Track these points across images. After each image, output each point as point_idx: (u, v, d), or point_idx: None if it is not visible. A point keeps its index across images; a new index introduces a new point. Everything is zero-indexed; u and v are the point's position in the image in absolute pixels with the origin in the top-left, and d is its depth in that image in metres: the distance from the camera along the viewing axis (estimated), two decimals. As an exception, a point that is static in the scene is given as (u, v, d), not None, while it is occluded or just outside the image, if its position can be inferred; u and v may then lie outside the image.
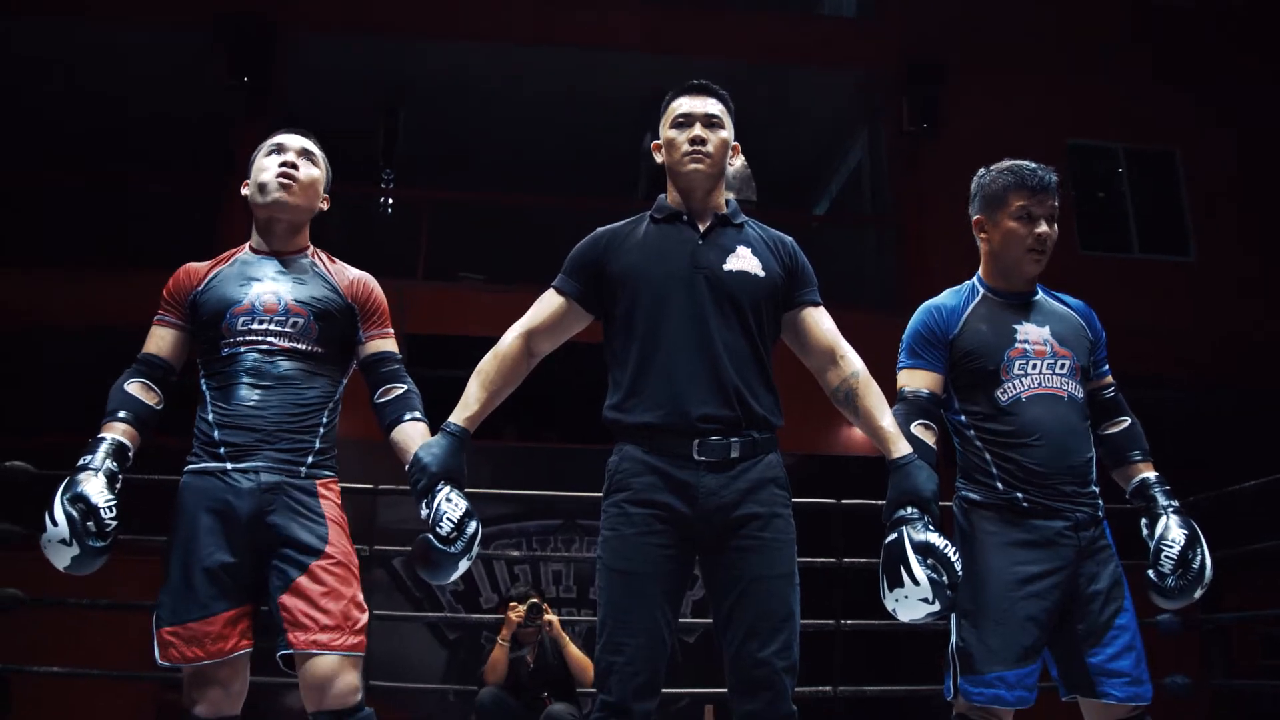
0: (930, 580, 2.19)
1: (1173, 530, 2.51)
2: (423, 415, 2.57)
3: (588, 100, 10.78)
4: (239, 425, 2.43)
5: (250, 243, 2.66)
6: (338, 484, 2.55)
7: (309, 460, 2.47)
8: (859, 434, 9.14)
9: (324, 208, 2.70)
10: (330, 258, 2.70)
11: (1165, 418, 2.98)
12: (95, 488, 2.32)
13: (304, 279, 2.59)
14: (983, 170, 2.72)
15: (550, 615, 4.85)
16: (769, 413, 2.32)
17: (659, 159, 2.50)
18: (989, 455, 2.56)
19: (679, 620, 2.32)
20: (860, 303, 10.11)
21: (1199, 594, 2.51)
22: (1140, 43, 10.36)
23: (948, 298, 2.71)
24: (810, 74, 10.82)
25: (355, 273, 2.69)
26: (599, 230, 2.48)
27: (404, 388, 2.60)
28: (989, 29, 10.23)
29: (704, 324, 2.30)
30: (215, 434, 2.43)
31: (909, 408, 2.55)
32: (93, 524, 2.29)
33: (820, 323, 2.44)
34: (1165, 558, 2.49)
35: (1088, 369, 2.65)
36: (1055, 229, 2.63)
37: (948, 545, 2.23)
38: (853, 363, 2.40)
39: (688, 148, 2.40)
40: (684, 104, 2.45)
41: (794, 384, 2.82)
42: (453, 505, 2.23)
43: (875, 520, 2.40)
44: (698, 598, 6.39)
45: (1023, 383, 2.55)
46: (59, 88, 10.36)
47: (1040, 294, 2.70)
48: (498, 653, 4.78)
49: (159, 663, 2.37)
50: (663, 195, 2.50)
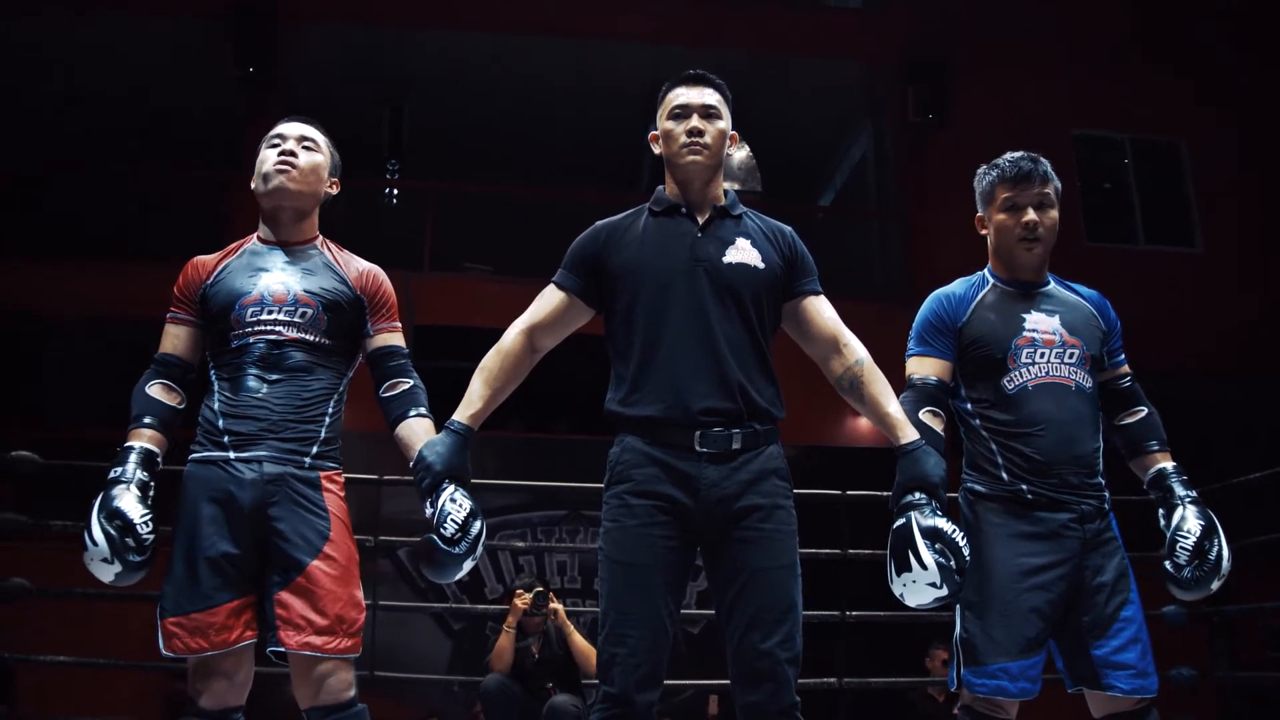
0: (938, 565, 2.20)
1: (1189, 520, 2.50)
2: (428, 411, 2.56)
3: (592, 92, 10.78)
4: (244, 415, 2.43)
5: (258, 234, 2.65)
6: (342, 476, 2.55)
7: (313, 451, 2.46)
8: (864, 425, 9.20)
9: (332, 193, 2.69)
10: (339, 248, 2.69)
11: (1171, 409, 2.97)
12: (130, 503, 2.34)
13: (313, 269, 2.59)
14: (980, 171, 2.73)
15: (555, 604, 4.86)
16: (770, 404, 2.32)
17: (657, 150, 2.48)
18: (994, 445, 2.55)
19: (682, 611, 2.33)
20: (865, 294, 10.09)
21: (1216, 585, 2.50)
22: (1145, 33, 10.32)
23: (958, 286, 2.71)
24: (815, 66, 10.80)
25: (364, 264, 2.68)
26: (598, 224, 2.47)
27: (410, 383, 2.59)
28: (993, 20, 10.19)
29: (704, 317, 2.30)
30: (220, 423, 2.44)
31: (918, 395, 2.55)
32: (131, 540, 2.31)
33: (822, 311, 2.44)
34: (1181, 548, 2.47)
35: (1100, 359, 2.63)
36: (1050, 215, 2.61)
37: (955, 530, 2.24)
38: (856, 350, 2.40)
39: (685, 139, 2.39)
40: (681, 94, 2.43)
41: (799, 375, 2.82)
42: (457, 506, 2.23)
43: (881, 511, 2.40)
44: (702, 589, 6.39)
45: (1029, 371, 2.55)
46: (62, 82, 10.36)
47: (1052, 284, 2.69)
48: (504, 640, 4.79)
49: (163, 653, 2.38)
50: (661, 187, 2.49)
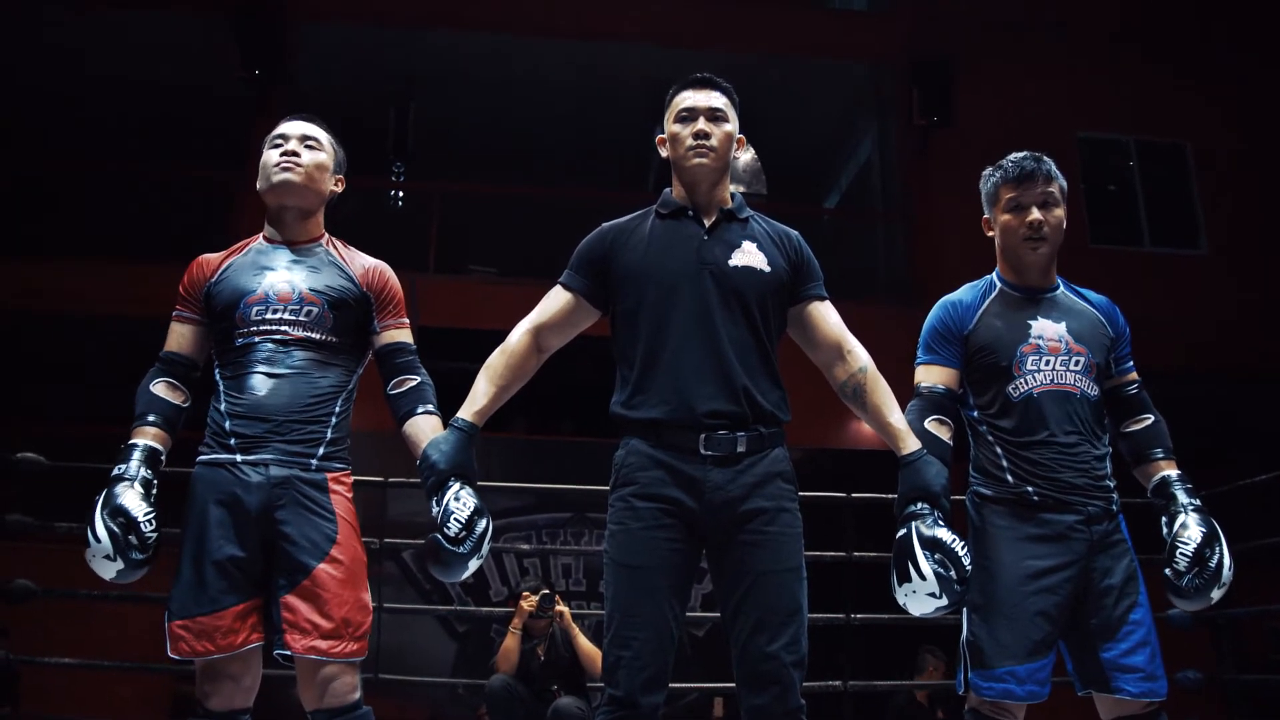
0: (937, 575, 2.20)
1: (1190, 528, 2.48)
2: (436, 408, 2.55)
3: (598, 92, 10.79)
4: (250, 416, 2.42)
5: (264, 233, 2.64)
6: (350, 477, 2.54)
7: (320, 452, 2.45)
8: (868, 428, 9.18)
9: (337, 190, 2.68)
10: (344, 245, 2.68)
11: (1176, 410, 2.96)
12: (133, 500, 2.34)
13: (318, 267, 2.58)
14: (985, 172, 2.72)
15: (562, 607, 4.86)
16: (775, 408, 2.32)
17: (664, 153, 2.48)
18: (1000, 450, 2.55)
19: (687, 614, 2.32)
20: (871, 296, 10.09)
21: (1217, 595, 2.47)
22: (1149, 35, 10.31)
23: (964, 293, 2.70)
24: (820, 67, 10.81)
25: (370, 261, 2.67)
26: (604, 226, 2.47)
27: (418, 379, 2.58)
28: (998, 22, 10.19)
29: (710, 319, 2.29)
30: (227, 424, 2.43)
31: (925, 403, 2.55)
32: (134, 537, 2.32)
33: (827, 317, 2.43)
34: (1180, 555, 2.46)
35: (1105, 366, 2.63)
36: (1055, 214, 2.60)
37: (956, 540, 2.24)
38: (860, 357, 2.39)
39: (692, 142, 2.39)
40: (688, 98, 2.43)
41: (804, 377, 2.82)
42: (461, 504, 2.22)
43: (886, 514, 2.40)
44: (707, 591, 6.39)
45: (1035, 378, 2.54)
46: (69, 81, 10.39)
47: (1061, 289, 2.68)
48: (510, 641, 4.79)
49: (170, 656, 2.38)
50: (668, 189, 2.48)
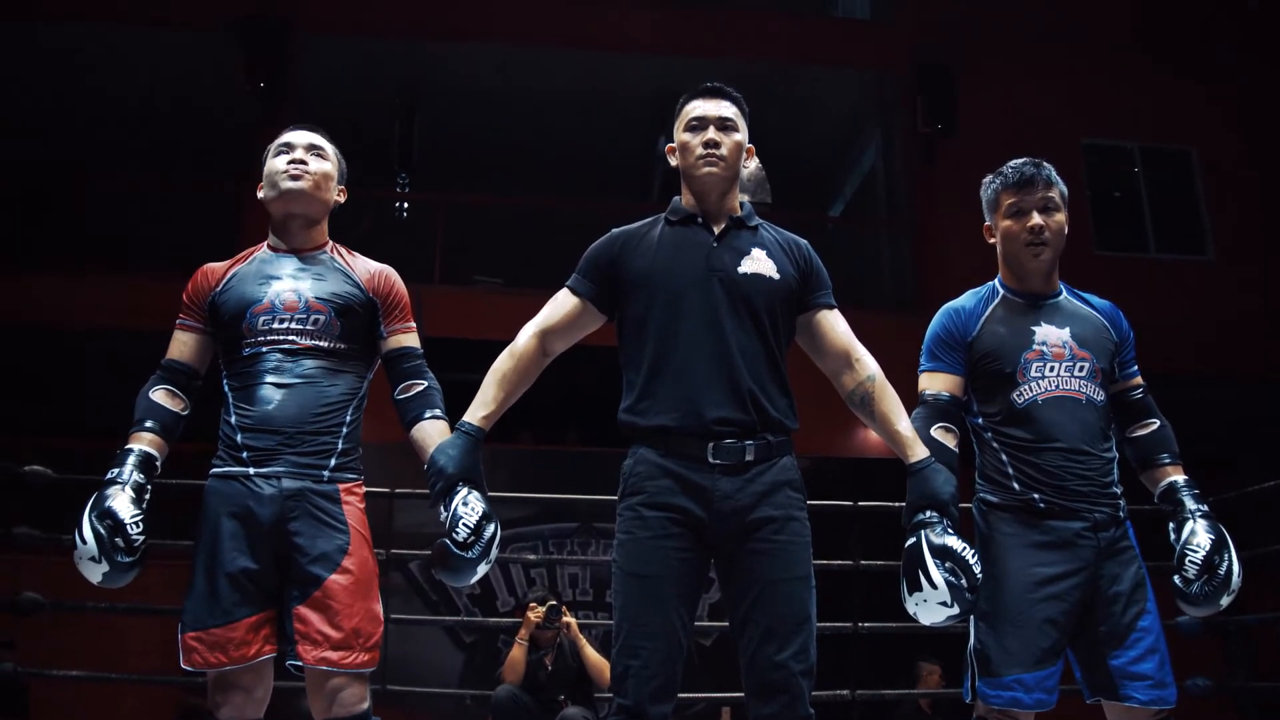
0: (948, 584, 2.19)
1: (1199, 535, 2.47)
2: (443, 413, 2.54)
3: (602, 102, 10.80)
4: (261, 428, 2.42)
5: (268, 241, 2.64)
6: (362, 487, 2.53)
7: (331, 464, 2.45)
8: (875, 437, 9.16)
9: (340, 200, 2.68)
10: (349, 251, 2.68)
11: (1183, 416, 2.95)
12: (122, 504, 2.33)
13: (324, 275, 2.57)
14: (985, 180, 2.71)
15: (568, 618, 4.86)
16: (784, 415, 2.32)
17: (673, 162, 2.49)
18: (1005, 457, 2.54)
19: (695, 623, 2.32)
20: (876, 304, 10.09)
21: (1226, 601, 2.46)
22: (1154, 40, 10.31)
23: (967, 300, 2.69)
24: (823, 75, 10.81)
25: (376, 266, 2.66)
26: (614, 231, 2.47)
27: (425, 384, 2.57)
28: (1002, 29, 10.19)
29: (718, 327, 2.29)
30: (238, 437, 2.42)
31: (929, 411, 2.54)
32: (120, 540, 2.30)
33: (835, 325, 2.43)
34: (1190, 562, 2.44)
35: (1110, 371, 2.61)
36: (1056, 218, 2.59)
37: (966, 548, 2.23)
38: (868, 366, 2.39)
39: (701, 151, 2.39)
40: (697, 107, 2.44)
41: (811, 386, 2.81)
42: (469, 509, 2.22)
43: (893, 523, 2.39)
44: (714, 600, 6.38)
45: (1039, 385, 2.53)
46: (75, 94, 10.42)
47: (1063, 294, 2.67)
48: (516, 652, 4.79)
49: (183, 667, 2.38)
50: (677, 198, 2.49)
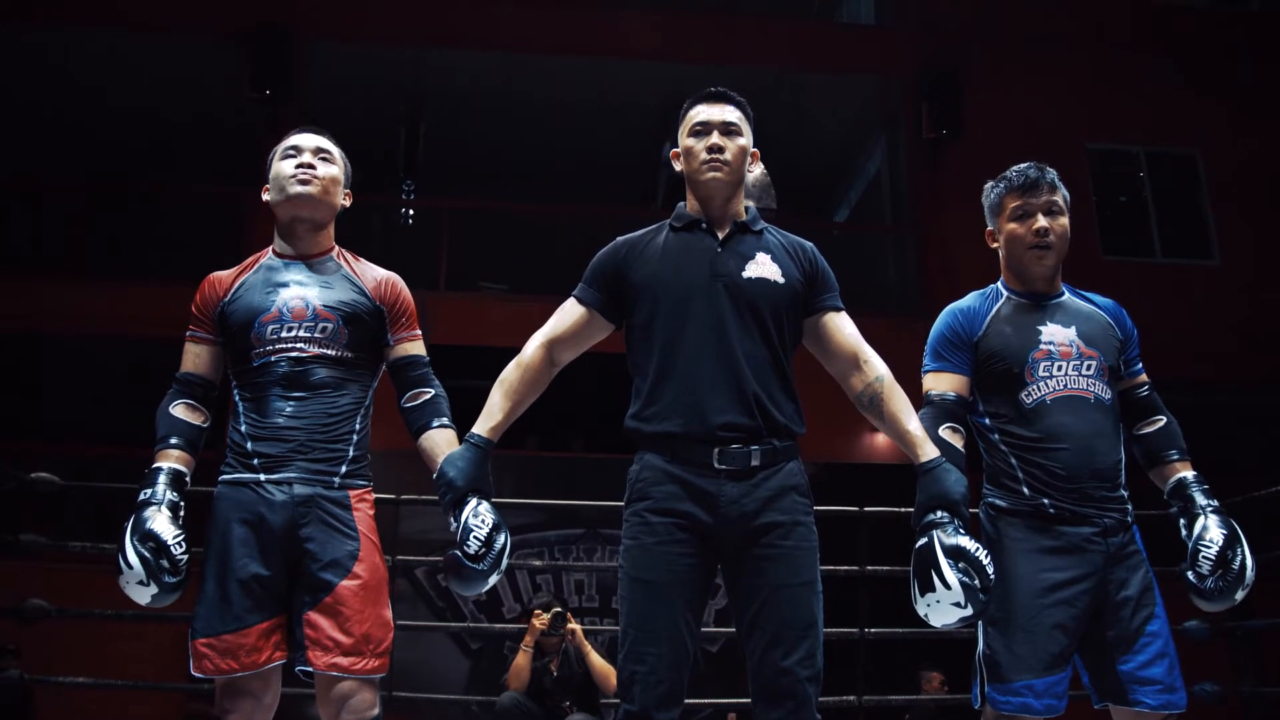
0: (962, 584, 2.18)
1: (1211, 530, 2.46)
2: (451, 421, 2.54)
3: (607, 109, 10.82)
4: (272, 437, 2.42)
5: (273, 247, 2.63)
6: (371, 493, 2.53)
7: (342, 470, 2.45)
8: (882, 441, 9.19)
9: (345, 204, 2.67)
10: (355, 257, 2.67)
11: (1191, 421, 2.94)
12: (162, 524, 2.33)
13: (330, 282, 2.56)
14: (987, 185, 2.71)
15: (574, 624, 4.85)
16: (790, 420, 2.31)
17: (678, 167, 2.49)
18: (1014, 459, 2.53)
19: (702, 629, 2.31)
20: (882, 309, 10.08)
21: (1241, 595, 2.45)
22: (1159, 45, 10.31)
23: (972, 300, 2.68)
24: (828, 81, 10.82)
25: (382, 273, 2.65)
26: (619, 239, 2.47)
27: (432, 392, 2.57)
28: (1006, 34, 10.21)
29: (724, 332, 2.29)
30: (248, 445, 2.43)
31: (936, 411, 2.53)
32: (166, 561, 2.30)
33: (842, 328, 2.42)
34: (1203, 558, 2.43)
35: (1117, 369, 2.61)
36: (1060, 222, 2.59)
37: (979, 548, 2.22)
38: (876, 367, 2.38)
39: (706, 156, 2.39)
40: (702, 112, 2.44)
41: (818, 390, 2.81)
42: (480, 521, 2.23)
43: (899, 528, 2.38)
44: (720, 606, 6.36)
45: (1047, 385, 2.52)
46: (80, 101, 10.46)
47: (1066, 294, 2.67)
48: (521, 659, 4.78)
49: (193, 674, 2.38)
50: (682, 203, 2.49)
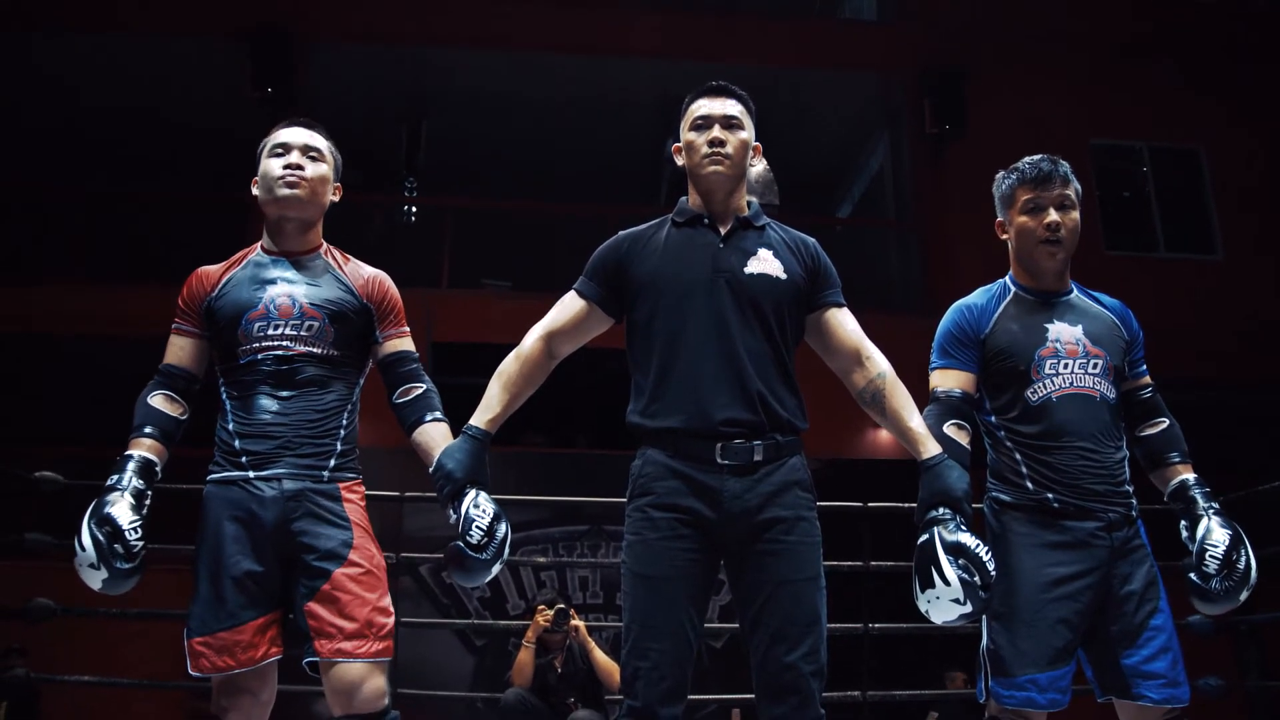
0: (962, 580, 2.18)
1: (1215, 532, 2.46)
2: (443, 415, 2.56)
3: (609, 107, 10.81)
4: (259, 434, 2.43)
5: (262, 243, 2.63)
6: (362, 485, 2.54)
7: (330, 464, 2.46)
8: (886, 437, 9.18)
9: (335, 199, 2.66)
10: (344, 255, 2.67)
11: (1192, 417, 2.94)
12: (121, 510, 2.33)
13: (318, 280, 2.56)
14: (998, 175, 2.71)
15: (577, 620, 4.85)
16: (792, 416, 2.31)
17: (680, 162, 2.49)
18: (1019, 456, 2.53)
19: (706, 625, 2.31)
20: (885, 306, 10.08)
21: (1244, 597, 2.46)
22: (1162, 41, 10.29)
23: (979, 297, 2.68)
24: (831, 78, 10.81)
25: (370, 271, 2.66)
26: (620, 234, 2.47)
27: (423, 387, 2.58)
28: (1009, 30, 10.19)
29: (726, 327, 2.29)
30: (236, 443, 2.43)
31: (942, 408, 2.52)
32: (120, 547, 2.30)
33: (844, 323, 2.42)
34: (1210, 558, 2.43)
35: (1122, 369, 2.61)
36: (1071, 216, 2.59)
37: (980, 545, 2.22)
38: (879, 363, 2.38)
39: (707, 150, 2.39)
40: (703, 106, 2.44)
41: (821, 386, 2.81)
42: (481, 511, 2.23)
43: (903, 523, 2.38)
44: (725, 602, 6.37)
45: (1054, 382, 2.52)
46: (80, 104, 10.48)
47: (1075, 292, 2.67)
48: (524, 655, 4.79)
49: (191, 674, 2.38)
50: (684, 198, 2.49)
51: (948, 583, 2.19)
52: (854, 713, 4.51)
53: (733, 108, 2.43)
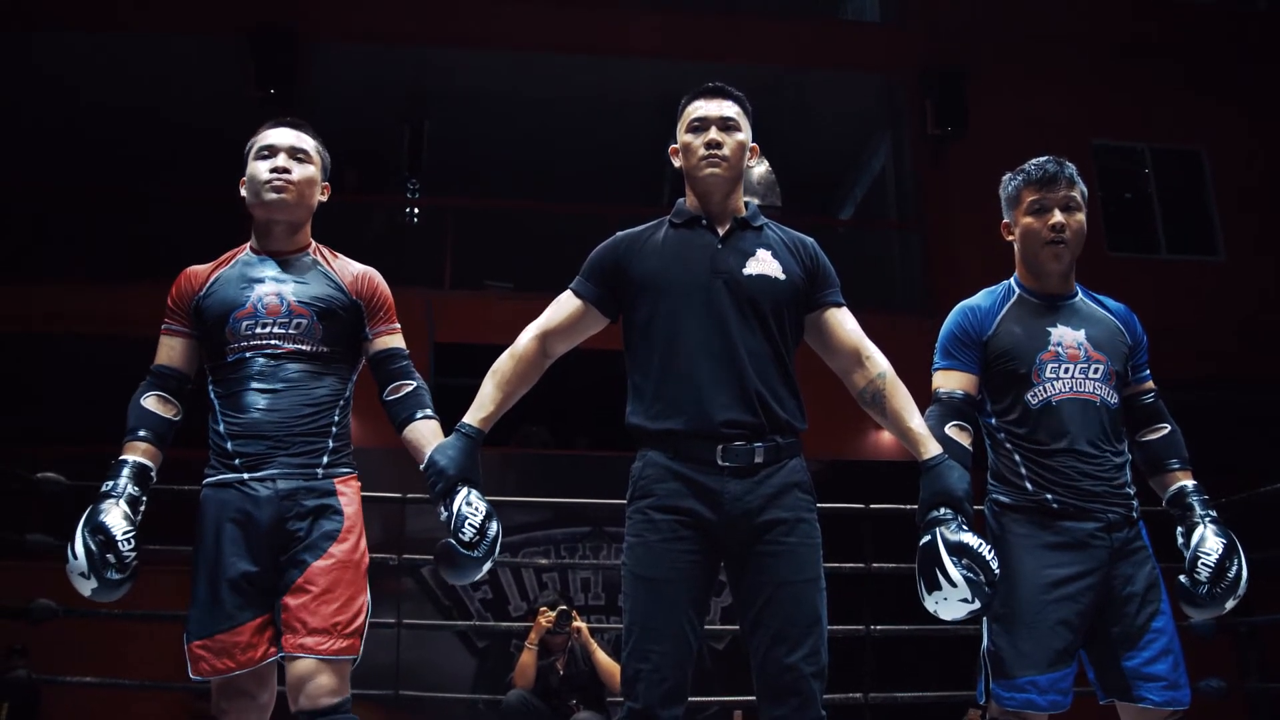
0: (967, 580, 2.18)
1: (1210, 540, 2.47)
2: (433, 412, 2.55)
3: (611, 107, 10.81)
4: (250, 434, 2.41)
5: (250, 243, 2.62)
6: (357, 480, 2.54)
7: (324, 461, 2.45)
8: (887, 438, 9.16)
9: (324, 199, 2.65)
10: (333, 253, 2.65)
11: (1194, 418, 2.94)
12: (115, 519, 2.32)
13: (306, 278, 2.55)
14: (1004, 176, 2.70)
15: (579, 622, 4.85)
16: (792, 417, 2.31)
17: (677, 163, 2.48)
18: (1019, 458, 2.53)
19: (708, 627, 2.31)
20: (887, 306, 10.08)
21: (1230, 605, 2.47)
22: (1164, 42, 10.30)
23: (982, 298, 2.68)
24: (833, 78, 10.81)
25: (359, 268, 2.64)
26: (618, 234, 2.47)
27: (413, 384, 2.57)
28: (1012, 31, 10.19)
29: (725, 329, 2.29)
30: (229, 445, 2.42)
31: (944, 409, 2.52)
32: (111, 556, 2.29)
33: (844, 323, 2.42)
34: (1202, 565, 2.44)
35: (1124, 374, 2.61)
36: (1077, 218, 2.58)
37: (982, 544, 2.22)
38: (879, 363, 2.38)
39: (704, 151, 2.38)
40: (699, 107, 2.43)
41: (822, 387, 2.80)
42: (473, 509, 2.22)
43: (904, 525, 2.37)
44: (727, 604, 6.36)
45: (1054, 386, 2.52)
46: (80, 104, 10.48)
47: (1079, 296, 2.66)
48: (526, 657, 4.79)
49: (192, 677, 2.38)
50: (681, 199, 2.48)
51: (954, 584, 2.19)
52: (856, 714, 4.51)
53: (729, 109, 2.42)
